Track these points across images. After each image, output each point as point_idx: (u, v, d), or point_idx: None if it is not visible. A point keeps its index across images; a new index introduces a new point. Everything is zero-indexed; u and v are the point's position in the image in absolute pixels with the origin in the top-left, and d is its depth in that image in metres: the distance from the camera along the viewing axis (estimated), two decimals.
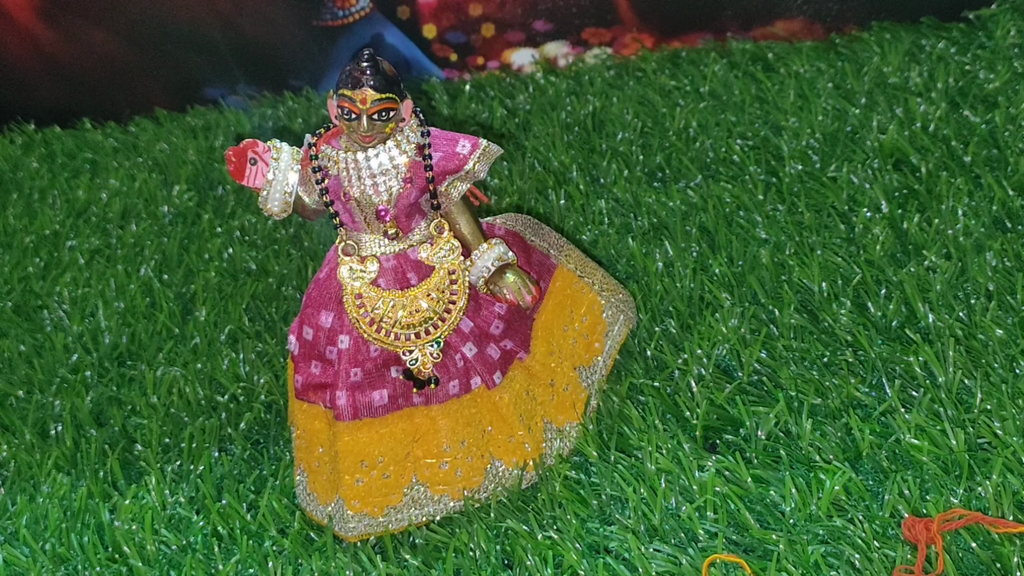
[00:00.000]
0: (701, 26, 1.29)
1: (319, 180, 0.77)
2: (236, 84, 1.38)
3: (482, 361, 0.81)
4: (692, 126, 1.16)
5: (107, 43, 1.36)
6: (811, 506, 0.76)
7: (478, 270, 0.79)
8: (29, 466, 0.93)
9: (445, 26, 1.29)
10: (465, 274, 0.79)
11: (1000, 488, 0.74)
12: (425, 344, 0.79)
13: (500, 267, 0.79)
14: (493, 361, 0.81)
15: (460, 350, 0.80)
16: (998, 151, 1.03)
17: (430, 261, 0.78)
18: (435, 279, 0.79)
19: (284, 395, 0.95)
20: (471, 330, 0.80)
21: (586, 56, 1.30)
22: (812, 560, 0.73)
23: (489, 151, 0.77)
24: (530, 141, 1.18)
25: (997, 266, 0.91)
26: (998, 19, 1.20)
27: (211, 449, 0.91)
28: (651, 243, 1.02)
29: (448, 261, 0.78)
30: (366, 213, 0.77)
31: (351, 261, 0.78)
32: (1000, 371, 0.82)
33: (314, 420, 0.82)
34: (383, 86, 0.74)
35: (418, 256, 0.78)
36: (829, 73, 1.19)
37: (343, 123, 0.75)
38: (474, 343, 0.80)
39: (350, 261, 0.78)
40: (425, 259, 0.78)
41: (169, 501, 0.87)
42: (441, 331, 0.79)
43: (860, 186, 1.03)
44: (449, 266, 0.79)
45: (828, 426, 0.81)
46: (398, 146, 0.76)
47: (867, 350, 0.86)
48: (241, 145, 0.78)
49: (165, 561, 0.83)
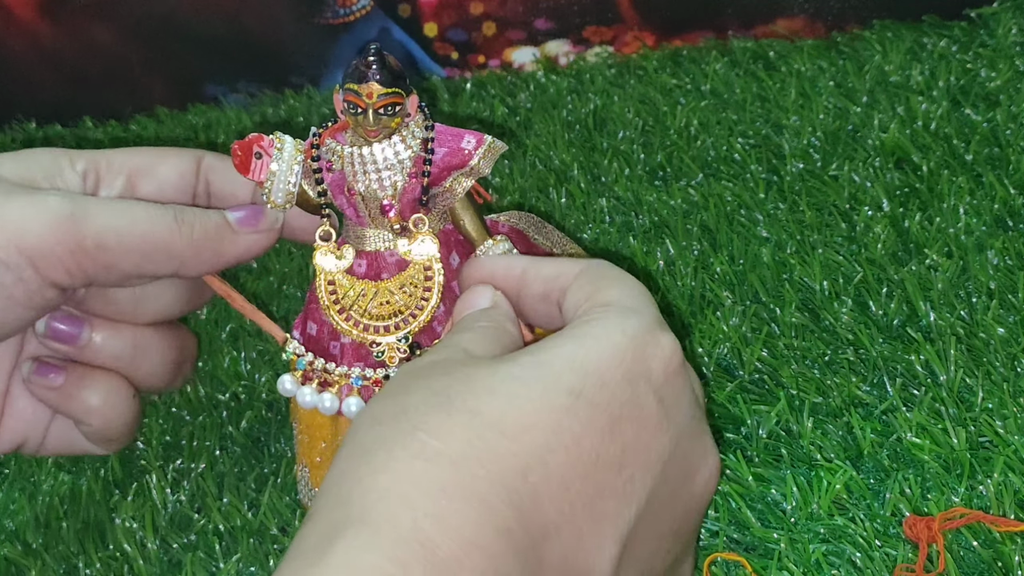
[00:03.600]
0: (702, 25, 1.29)
1: (319, 180, 0.77)
2: (237, 82, 1.38)
3: None
4: (693, 124, 1.16)
5: (108, 41, 1.36)
6: (812, 504, 0.76)
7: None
8: (29, 464, 0.93)
9: (446, 24, 1.29)
10: (440, 271, 0.78)
11: (1001, 487, 0.74)
12: (393, 338, 0.78)
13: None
14: None
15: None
16: (1000, 149, 1.03)
17: (407, 255, 0.78)
18: (409, 272, 0.78)
19: None
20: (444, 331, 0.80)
21: (587, 54, 1.30)
22: (813, 559, 0.73)
23: (494, 147, 0.77)
24: (531, 139, 1.18)
25: (999, 264, 0.91)
26: (1000, 17, 1.20)
27: (212, 447, 0.91)
28: (652, 241, 1.02)
29: (424, 256, 0.78)
30: (371, 208, 0.77)
31: (327, 247, 0.78)
32: (1002, 370, 0.82)
33: (316, 415, 0.82)
34: (389, 81, 0.73)
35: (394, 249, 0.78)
36: (830, 71, 1.19)
37: (349, 118, 0.75)
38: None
39: (326, 247, 0.78)
40: (401, 253, 0.78)
41: (170, 499, 0.87)
42: (412, 327, 0.78)
43: (861, 184, 1.03)
44: (425, 261, 0.78)
45: (829, 425, 0.81)
46: (403, 141, 0.76)
47: (868, 349, 0.86)
48: (246, 139, 0.77)
49: (166, 559, 0.83)
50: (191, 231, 0.77)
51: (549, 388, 0.57)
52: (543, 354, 0.59)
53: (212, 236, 0.78)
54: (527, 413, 0.56)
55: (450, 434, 0.54)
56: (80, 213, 0.72)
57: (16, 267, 0.71)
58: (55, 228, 0.71)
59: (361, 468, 0.54)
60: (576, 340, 0.60)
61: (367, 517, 0.52)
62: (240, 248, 0.79)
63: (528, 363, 0.59)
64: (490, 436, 0.54)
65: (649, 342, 0.60)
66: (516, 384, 0.57)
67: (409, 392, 0.58)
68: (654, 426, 0.59)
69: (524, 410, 0.56)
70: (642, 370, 0.59)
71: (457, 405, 0.56)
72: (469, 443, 0.54)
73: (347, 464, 0.55)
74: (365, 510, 0.52)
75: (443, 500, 0.52)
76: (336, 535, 0.51)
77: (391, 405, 0.58)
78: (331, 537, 0.52)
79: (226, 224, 0.79)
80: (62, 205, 0.72)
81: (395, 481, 0.53)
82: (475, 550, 0.51)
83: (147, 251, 0.74)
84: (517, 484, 0.54)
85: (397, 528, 0.51)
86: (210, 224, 0.78)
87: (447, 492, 0.52)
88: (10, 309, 0.73)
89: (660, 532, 0.61)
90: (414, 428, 0.55)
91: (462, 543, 0.51)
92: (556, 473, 0.55)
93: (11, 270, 0.71)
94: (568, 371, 0.58)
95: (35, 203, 0.72)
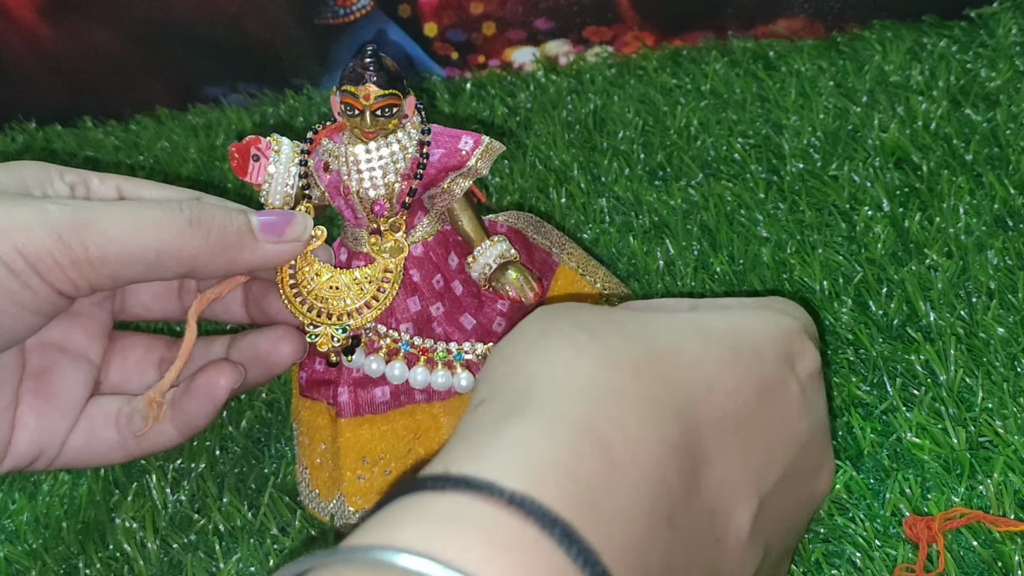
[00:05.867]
0: (702, 24, 1.29)
1: (305, 186, 0.77)
2: (237, 82, 1.38)
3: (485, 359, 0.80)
4: (693, 124, 1.16)
5: (108, 41, 1.36)
6: None
7: (480, 266, 0.79)
8: None
9: (446, 24, 1.29)
10: (398, 278, 0.78)
11: (1001, 487, 0.74)
12: (332, 326, 0.77)
13: (502, 264, 0.78)
14: None
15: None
16: (999, 149, 1.03)
17: (373, 252, 0.78)
18: (369, 270, 0.78)
19: (285, 394, 0.95)
20: (473, 327, 0.80)
21: (587, 54, 1.30)
22: (813, 558, 0.73)
23: (491, 148, 0.77)
24: (531, 139, 1.18)
25: (999, 264, 0.91)
26: (1000, 17, 1.20)
27: (212, 447, 0.91)
28: (652, 241, 1.02)
29: (388, 258, 0.78)
30: (366, 208, 0.77)
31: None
32: (1002, 369, 0.82)
33: (317, 416, 0.82)
34: (386, 82, 0.74)
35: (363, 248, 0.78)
36: (830, 71, 1.18)
37: (346, 119, 0.75)
38: (477, 340, 0.80)
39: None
40: (367, 250, 0.78)
41: (170, 499, 0.87)
42: (352, 320, 0.77)
43: (861, 184, 1.03)
44: (388, 263, 0.78)
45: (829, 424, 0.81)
46: (399, 142, 0.76)
47: (868, 348, 0.86)
48: (244, 141, 0.78)
49: (166, 559, 0.83)
50: (206, 236, 0.73)
51: (710, 343, 0.60)
52: (706, 315, 0.63)
53: (230, 243, 0.74)
54: (693, 353, 0.59)
55: (625, 352, 0.57)
56: (81, 222, 0.70)
57: (22, 273, 0.69)
58: (56, 238, 0.69)
59: (537, 362, 0.56)
60: (735, 315, 0.64)
61: (544, 407, 0.53)
62: (259, 258, 0.75)
63: (691, 320, 0.62)
64: (661, 362, 0.57)
65: (798, 341, 0.64)
66: (681, 332, 0.60)
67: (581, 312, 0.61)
68: (797, 410, 0.62)
69: (690, 351, 0.59)
70: (790, 360, 0.62)
71: (629, 331, 0.59)
72: (644, 362, 0.57)
73: (523, 359, 0.57)
74: (543, 401, 0.54)
75: (621, 404, 0.54)
76: (511, 420, 0.53)
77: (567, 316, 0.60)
78: (506, 421, 0.53)
79: (248, 230, 0.75)
80: (62, 213, 0.70)
81: (573, 379, 0.55)
82: (646, 456, 0.53)
83: (152, 260, 0.71)
84: (684, 408, 0.56)
85: (574, 422, 0.53)
86: (229, 228, 0.74)
87: (625, 398, 0.54)
88: (19, 315, 0.71)
89: (785, 514, 0.63)
90: (591, 339, 0.57)
91: (635, 447, 0.53)
92: (716, 411, 0.57)
93: (17, 277, 0.69)
94: (728, 333, 0.61)
95: (36, 211, 0.70)
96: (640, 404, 0.54)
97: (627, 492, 0.52)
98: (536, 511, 0.48)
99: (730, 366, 0.59)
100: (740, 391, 0.59)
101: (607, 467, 0.52)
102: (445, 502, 0.49)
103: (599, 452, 0.52)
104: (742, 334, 0.61)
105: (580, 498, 0.50)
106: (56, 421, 0.79)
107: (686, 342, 0.59)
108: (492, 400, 0.55)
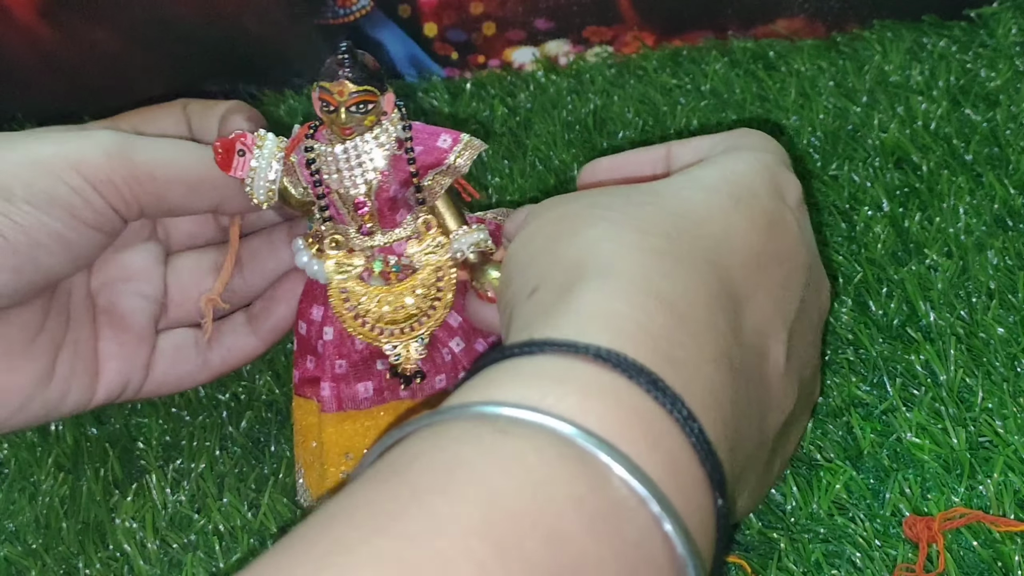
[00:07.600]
0: (702, 24, 1.29)
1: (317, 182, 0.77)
2: (237, 83, 1.38)
3: (469, 356, 0.81)
4: (693, 124, 1.16)
5: (108, 41, 1.36)
6: (812, 504, 0.76)
7: (452, 251, 0.78)
8: (29, 464, 0.93)
9: (446, 24, 1.29)
10: (452, 271, 0.78)
11: (1001, 487, 0.74)
12: (410, 340, 0.78)
13: (483, 263, 0.78)
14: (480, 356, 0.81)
15: (447, 345, 0.80)
16: (999, 149, 1.03)
17: (417, 258, 0.78)
18: (421, 275, 0.78)
19: (285, 394, 0.95)
20: (459, 325, 0.80)
21: (587, 54, 1.30)
22: (813, 559, 0.73)
23: (471, 145, 0.77)
24: (531, 139, 1.18)
25: (998, 264, 0.91)
26: (1000, 17, 1.20)
27: (212, 447, 0.91)
28: None
29: (435, 258, 0.78)
30: (347, 206, 0.77)
31: (338, 255, 0.78)
32: (1002, 369, 0.82)
33: (308, 415, 0.82)
34: (361, 78, 0.74)
35: (404, 252, 0.78)
36: (830, 71, 1.18)
37: (324, 115, 0.75)
38: (462, 338, 0.80)
39: (337, 255, 0.78)
40: (412, 256, 0.78)
41: (170, 499, 0.87)
42: (426, 327, 0.78)
43: (861, 184, 1.03)
44: (436, 263, 0.78)
45: (829, 424, 0.81)
46: (377, 139, 0.76)
47: (868, 348, 0.86)
48: (230, 136, 0.78)
49: (166, 559, 0.83)
50: None
51: (712, 194, 0.64)
52: (695, 172, 0.67)
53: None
54: (701, 209, 0.63)
55: (651, 219, 0.61)
56: (129, 146, 0.78)
57: (81, 190, 0.76)
58: (110, 158, 0.77)
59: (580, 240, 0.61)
60: (720, 163, 0.68)
61: (605, 273, 0.57)
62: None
63: (685, 179, 0.67)
64: (682, 220, 0.62)
65: (780, 173, 0.69)
66: (683, 192, 0.65)
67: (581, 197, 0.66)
68: (796, 237, 0.67)
69: (698, 207, 0.63)
70: (780, 192, 0.67)
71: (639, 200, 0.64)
72: (668, 223, 0.61)
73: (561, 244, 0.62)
74: (599, 268, 0.58)
75: (667, 263, 0.59)
76: (575, 290, 0.57)
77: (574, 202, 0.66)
78: (571, 292, 0.57)
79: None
80: (113, 139, 0.79)
81: (620, 247, 0.59)
82: (701, 307, 0.58)
83: (192, 183, 0.80)
84: (714, 258, 0.61)
85: (636, 283, 0.57)
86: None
87: (669, 257, 0.59)
88: (83, 233, 0.78)
89: (806, 339, 0.69)
90: (614, 211, 0.62)
91: (691, 300, 0.58)
92: (738, 257, 0.62)
93: (78, 194, 0.76)
94: (724, 183, 0.65)
95: (89, 137, 0.79)
96: (681, 261, 0.59)
97: (694, 342, 0.56)
98: (622, 363, 0.52)
99: (735, 213, 0.64)
100: (751, 232, 0.64)
101: (674, 320, 0.56)
102: (535, 363, 0.53)
103: (664, 308, 0.56)
104: (735, 180, 0.66)
105: (657, 350, 0.54)
106: (135, 348, 0.85)
107: (693, 202, 0.64)
108: (547, 282, 0.59)
